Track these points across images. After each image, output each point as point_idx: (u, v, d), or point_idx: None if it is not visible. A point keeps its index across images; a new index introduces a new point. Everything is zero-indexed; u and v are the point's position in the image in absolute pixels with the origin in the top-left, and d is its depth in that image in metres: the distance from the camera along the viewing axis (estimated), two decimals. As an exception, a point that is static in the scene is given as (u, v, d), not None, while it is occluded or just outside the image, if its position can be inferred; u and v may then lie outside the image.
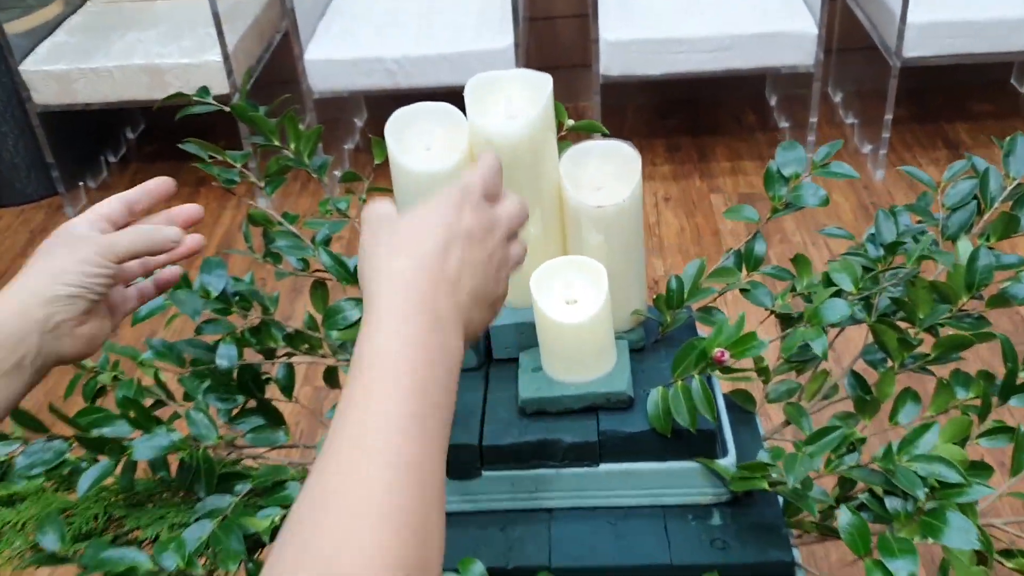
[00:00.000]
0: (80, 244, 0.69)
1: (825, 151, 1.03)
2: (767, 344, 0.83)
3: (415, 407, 0.50)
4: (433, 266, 0.57)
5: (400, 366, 0.51)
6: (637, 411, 0.97)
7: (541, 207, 0.98)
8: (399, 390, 0.50)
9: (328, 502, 0.45)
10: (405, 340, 0.52)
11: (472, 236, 0.61)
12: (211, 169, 1.21)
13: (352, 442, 0.48)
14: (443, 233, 0.59)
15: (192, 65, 2.51)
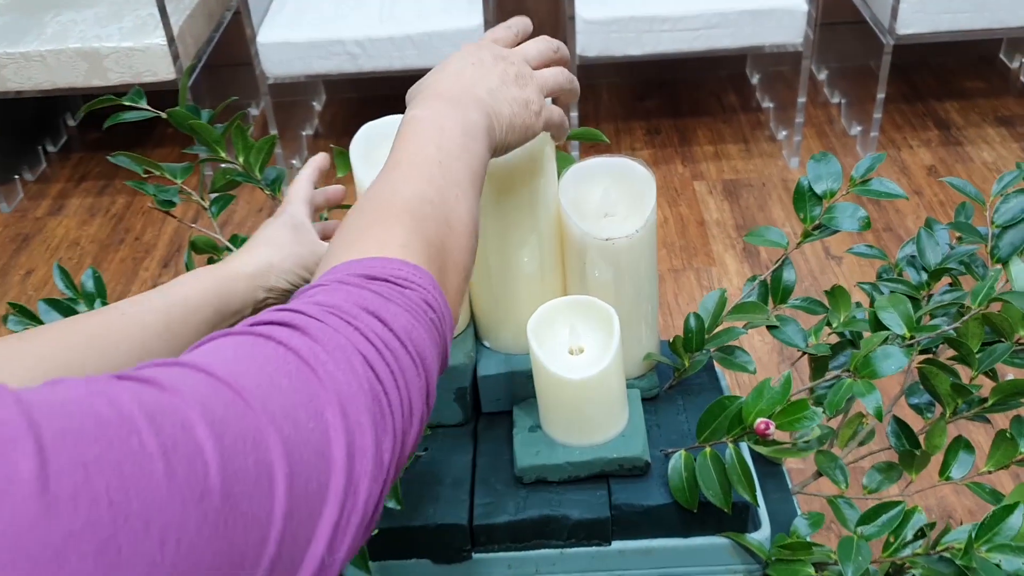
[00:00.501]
0: (303, 241, 0.78)
1: (867, 165, 0.88)
2: (821, 415, 0.69)
3: (433, 140, 0.60)
4: (447, 75, 0.67)
5: (422, 121, 0.62)
6: (655, 478, 0.82)
7: (538, 237, 0.83)
8: (420, 135, 0.61)
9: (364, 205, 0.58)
10: (429, 112, 0.63)
11: (483, 54, 0.69)
12: (145, 188, 1.04)
13: (388, 164, 0.60)
14: (456, 59, 0.69)
15: (134, 49, 2.30)
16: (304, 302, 0.48)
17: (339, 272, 0.51)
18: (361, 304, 0.48)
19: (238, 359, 0.42)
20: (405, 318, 0.49)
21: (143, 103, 1.06)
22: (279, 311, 0.47)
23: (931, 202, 2.33)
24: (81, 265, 2.40)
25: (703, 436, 0.77)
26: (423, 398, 0.49)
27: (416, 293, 0.51)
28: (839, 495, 0.90)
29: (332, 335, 0.45)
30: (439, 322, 0.52)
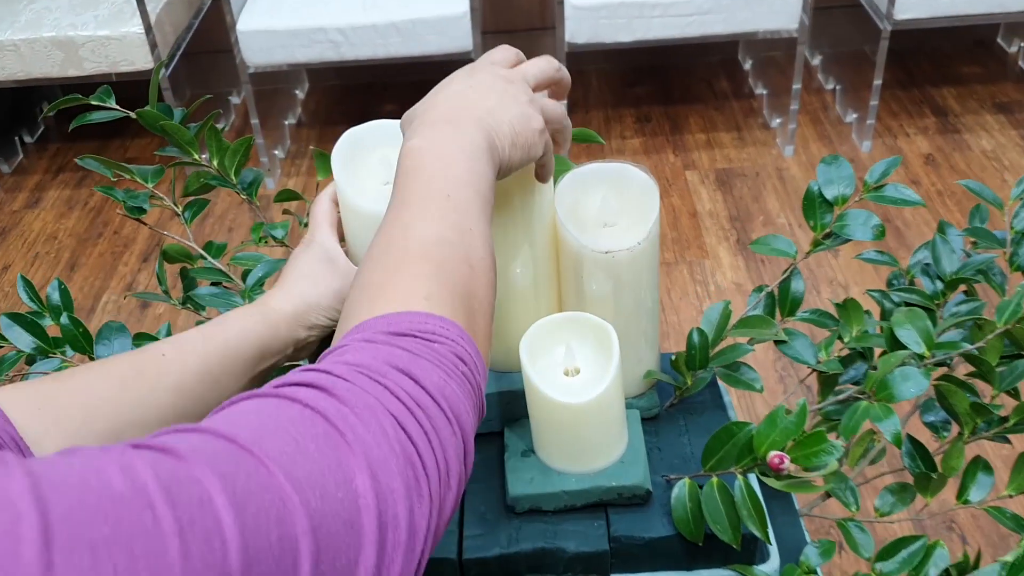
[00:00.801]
0: (340, 274, 0.74)
1: (882, 169, 0.83)
2: (840, 448, 0.64)
3: (438, 171, 0.57)
4: (444, 98, 0.64)
5: (423, 152, 0.58)
6: (657, 507, 0.77)
7: (532, 248, 0.78)
8: (424, 168, 0.58)
9: (375, 260, 0.54)
10: (428, 140, 0.59)
11: (481, 75, 0.66)
12: (114, 193, 0.98)
13: (395, 204, 0.57)
14: (452, 81, 0.66)
15: (110, 38, 2.23)
16: (330, 362, 0.46)
17: (364, 331, 0.49)
18: (390, 362, 0.46)
19: (262, 423, 0.40)
20: (437, 374, 0.47)
21: (111, 102, 1.00)
22: (305, 371, 0.45)
23: (929, 192, 2.28)
24: (59, 260, 2.33)
25: (709, 464, 0.72)
26: (460, 458, 0.47)
27: (446, 347, 0.49)
28: (849, 518, 0.85)
29: (360, 395, 0.43)
30: (472, 375, 0.50)
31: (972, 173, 2.33)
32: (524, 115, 0.64)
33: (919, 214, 2.20)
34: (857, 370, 0.90)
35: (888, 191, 0.82)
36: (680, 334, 1.94)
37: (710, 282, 2.08)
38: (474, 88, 0.64)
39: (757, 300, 0.86)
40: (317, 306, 0.72)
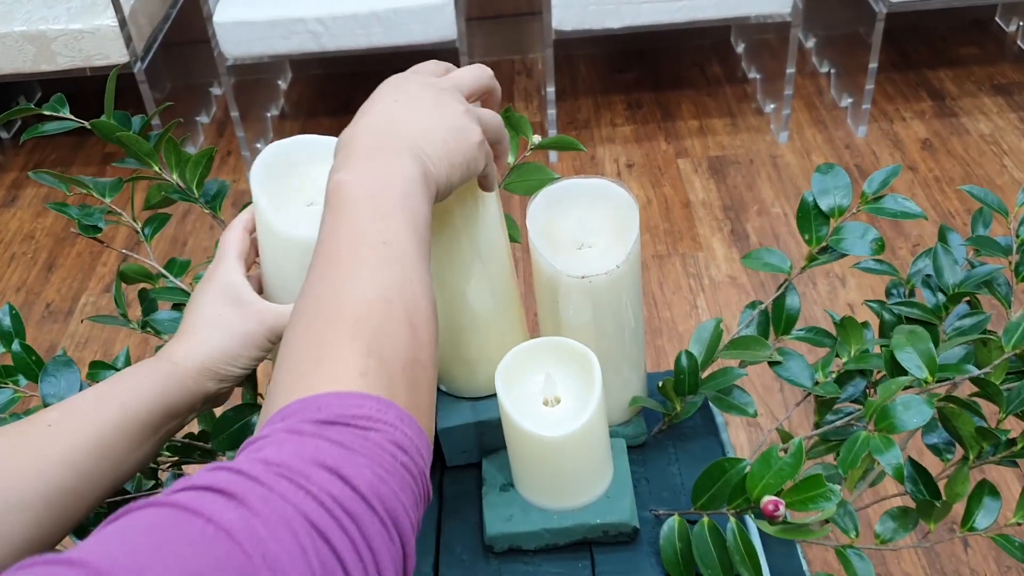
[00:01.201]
0: (247, 318, 0.66)
1: (882, 178, 0.77)
2: (839, 493, 0.59)
3: (370, 213, 0.52)
4: (371, 122, 0.58)
5: (352, 189, 0.53)
6: (644, 546, 0.73)
7: (484, 266, 0.72)
8: (354, 209, 0.52)
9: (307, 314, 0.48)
10: (355, 175, 0.54)
11: (408, 87, 0.60)
12: (68, 211, 0.93)
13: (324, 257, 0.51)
14: (378, 99, 0.60)
15: (83, 32, 2.16)
16: (247, 458, 0.40)
17: (290, 417, 0.43)
18: (316, 459, 0.40)
19: (151, 547, 0.34)
20: (371, 471, 0.41)
21: (65, 111, 0.94)
22: (218, 471, 0.39)
23: (926, 178, 2.23)
24: (36, 260, 2.28)
25: (700, 502, 0.68)
26: (397, 566, 0.41)
27: (383, 434, 0.43)
28: (849, 545, 0.81)
29: (276, 504, 0.38)
30: (413, 464, 0.44)
31: (970, 158, 2.28)
32: (459, 128, 0.59)
33: (915, 199, 2.15)
34: (856, 387, 0.85)
35: (887, 203, 0.77)
36: (673, 330, 1.89)
37: (704, 275, 2.03)
38: (401, 104, 0.59)
39: (750, 318, 0.82)
40: (225, 355, 0.66)
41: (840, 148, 2.36)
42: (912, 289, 0.90)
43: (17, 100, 2.81)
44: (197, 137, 2.64)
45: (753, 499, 0.62)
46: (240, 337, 0.66)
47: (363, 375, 0.45)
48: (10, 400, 0.83)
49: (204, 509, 0.36)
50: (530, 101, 2.69)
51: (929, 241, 2.02)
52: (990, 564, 1.44)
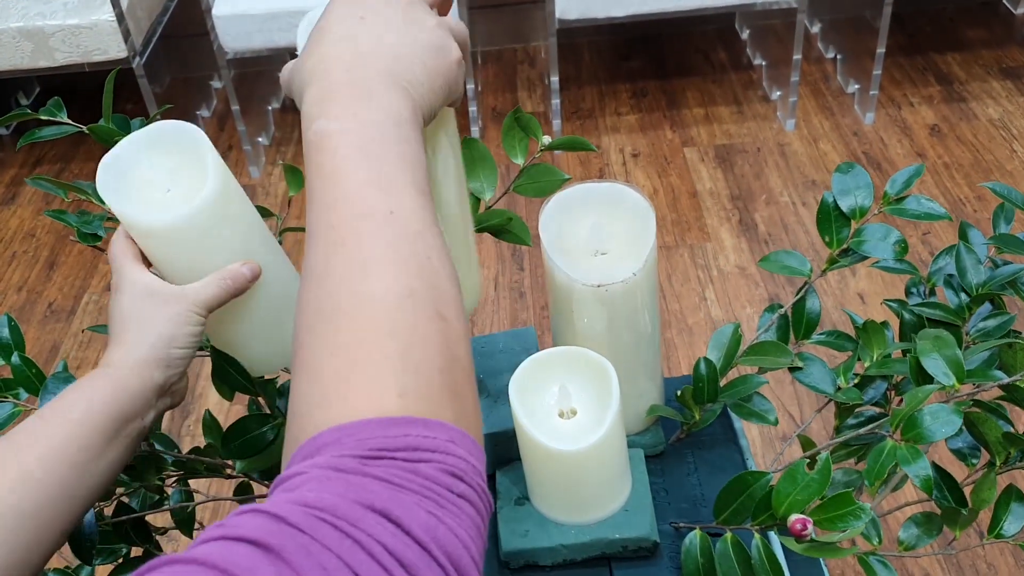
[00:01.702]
0: (170, 301, 0.64)
1: (904, 178, 0.75)
2: (869, 512, 0.57)
3: (369, 174, 0.46)
4: (340, 50, 0.50)
5: (341, 144, 0.47)
6: (664, 560, 0.71)
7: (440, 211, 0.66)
8: (347, 169, 0.46)
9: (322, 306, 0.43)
10: (340, 123, 0.47)
11: (370, 5, 0.52)
12: (66, 218, 0.91)
13: (325, 235, 0.45)
14: (338, 20, 0.51)
15: (80, 27, 2.13)
16: (286, 501, 0.35)
17: (325, 449, 0.38)
18: (362, 500, 0.35)
19: None
20: (425, 510, 0.36)
21: (62, 115, 0.92)
22: (252, 514, 0.35)
23: (935, 165, 2.20)
24: (37, 259, 2.26)
25: (722, 517, 0.66)
26: None
27: (433, 465, 0.38)
28: (871, 552, 0.79)
29: (320, 556, 0.33)
30: (471, 490, 0.39)
31: (979, 143, 2.25)
32: (438, 47, 0.52)
33: (926, 188, 2.12)
34: (876, 390, 0.83)
35: (910, 204, 0.74)
36: (682, 323, 1.87)
37: (712, 266, 2.00)
38: (369, 23, 0.50)
39: (770, 322, 0.79)
40: (161, 339, 0.63)
41: (848, 135, 2.33)
42: (933, 288, 0.87)
43: (15, 97, 2.79)
44: (197, 131, 2.62)
45: (779, 516, 0.60)
46: (169, 319, 0.63)
47: (401, 395, 0.39)
48: (11, 415, 0.81)
49: (236, 568, 0.32)
50: (533, 91, 2.66)
51: (939, 230, 1.99)
52: (1007, 557, 1.42)
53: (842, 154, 2.27)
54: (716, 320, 1.87)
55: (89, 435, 0.58)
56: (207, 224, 0.64)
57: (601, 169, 2.33)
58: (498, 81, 2.72)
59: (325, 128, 0.47)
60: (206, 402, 1.78)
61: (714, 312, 1.89)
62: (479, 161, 0.81)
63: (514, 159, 0.80)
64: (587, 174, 2.31)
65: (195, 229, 0.64)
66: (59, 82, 2.59)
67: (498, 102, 2.62)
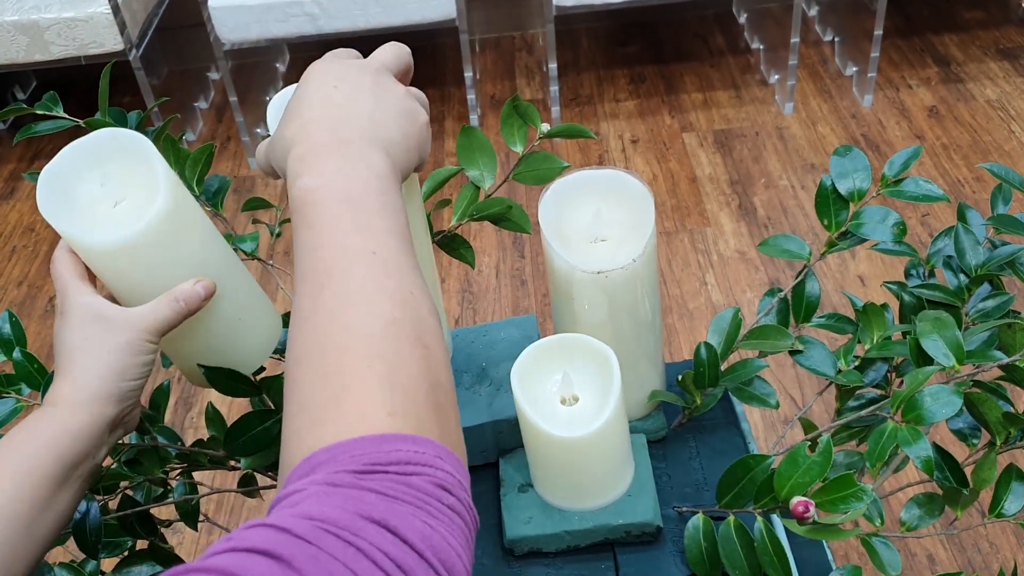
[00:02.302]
0: (119, 329, 0.60)
1: (902, 160, 0.75)
2: (872, 492, 0.57)
3: (352, 220, 0.48)
4: (318, 115, 0.54)
5: (326, 197, 0.49)
6: (668, 544, 0.71)
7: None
8: (332, 218, 0.48)
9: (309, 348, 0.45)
10: (323, 178, 0.50)
11: (339, 71, 0.56)
12: (66, 213, 0.91)
13: (312, 277, 0.47)
14: (314, 90, 0.55)
15: (76, 20, 2.13)
16: (288, 515, 0.37)
17: (320, 467, 0.40)
18: (361, 512, 0.37)
19: None
20: (419, 520, 0.38)
21: (58, 110, 0.92)
22: (258, 528, 0.36)
23: (934, 146, 2.20)
24: (37, 253, 2.26)
25: (724, 500, 0.66)
26: None
27: (424, 478, 0.40)
28: (874, 533, 0.79)
29: (327, 564, 0.35)
30: (459, 502, 0.41)
31: (978, 124, 2.25)
32: (407, 112, 0.55)
33: (925, 170, 2.12)
34: (877, 372, 0.83)
35: (908, 186, 0.74)
36: (683, 308, 1.87)
37: (712, 251, 2.01)
38: (343, 91, 0.54)
39: (770, 306, 0.80)
40: (112, 372, 0.59)
41: (846, 118, 2.33)
42: (932, 269, 0.87)
43: (12, 90, 2.78)
44: (196, 123, 2.61)
45: (781, 499, 0.60)
46: (119, 349, 0.60)
47: (391, 414, 0.42)
48: (13, 410, 0.81)
49: (251, 575, 0.33)
50: (532, 78, 2.66)
51: (938, 211, 1.99)
52: (1009, 536, 1.43)
53: (841, 137, 2.27)
54: (717, 304, 1.87)
55: (37, 486, 0.55)
56: (159, 240, 0.60)
57: (600, 156, 2.33)
58: (496, 69, 2.71)
59: (310, 184, 0.49)
60: (209, 394, 1.79)
61: (715, 296, 1.89)
62: (478, 149, 0.81)
63: (513, 147, 0.80)
64: (586, 161, 2.31)
65: (146, 247, 0.60)
66: (56, 76, 2.58)
67: (496, 90, 2.62)
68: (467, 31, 2.22)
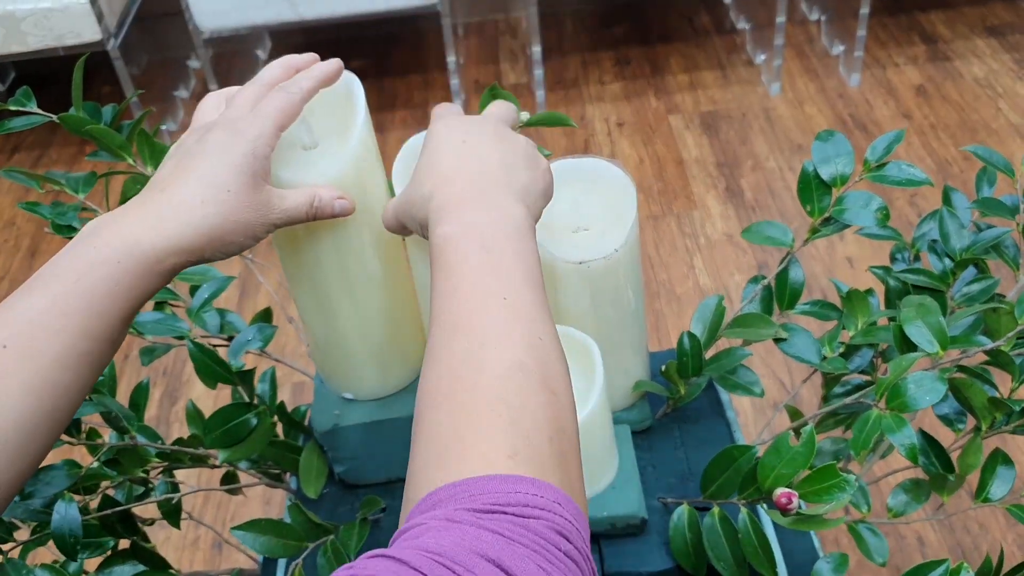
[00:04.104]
0: (258, 204, 0.56)
1: (884, 145, 0.74)
2: (855, 483, 0.57)
3: (487, 264, 0.49)
4: (455, 165, 0.56)
5: (462, 242, 0.51)
6: (653, 536, 0.70)
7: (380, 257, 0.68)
8: (469, 264, 0.50)
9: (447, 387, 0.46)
10: (464, 227, 0.52)
11: (462, 125, 0.58)
12: (40, 211, 0.90)
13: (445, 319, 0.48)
14: (445, 145, 0.57)
15: (52, 10, 2.10)
16: (408, 547, 0.38)
17: (440, 504, 0.41)
18: (477, 550, 0.37)
19: None
20: (535, 563, 0.38)
21: (32, 105, 0.90)
22: (378, 558, 0.37)
23: (921, 126, 2.19)
24: (19, 247, 2.24)
25: (709, 491, 0.65)
26: None
27: (543, 522, 0.40)
28: (860, 520, 0.79)
29: None
30: (577, 552, 0.41)
31: (965, 103, 2.24)
32: (532, 157, 0.57)
33: (912, 149, 2.11)
34: (863, 358, 0.83)
35: (891, 171, 0.74)
36: (670, 293, 1.87)
37: (699, 234, 2.00)
38: (472, 144, 0.56)
39: (753, 294, 0.79)
40: (220, 241, 0.55)
41: (833, 98, 2.32)
42: (917, 253, 0.87)
43: (-9, 82, 2.75)
44: (177, 112, 2.59)
45: (765, 490, 0.59)
46: (242, 224, 0.56)
47: (512, 456, 0.42)
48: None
49: None
50: (516, 62, 2.64)
51: (928, 194, 1.99)
52: (998, 518, 1.43)
53: (828, 117, 2.26)
54: (705, 289, 1.86)
55: (102, 328, 0.52)
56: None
57: (586, 140, 2.31)
58: (480, 53, 2.69)
59: (450, 231, 0.51)
60: (193, 389, 1.78)
61: (702, 280, 1.88)
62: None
63: (492, 136, 0.79)
64: (572, 146, 2.29)
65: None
66: (34, 68, 2.55)
67: (480, 74, 2.60)
68: (449, 16, 2.20)
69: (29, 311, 0.51)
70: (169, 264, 0.55)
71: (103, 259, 0.53)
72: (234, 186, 0.55)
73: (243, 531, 0.64)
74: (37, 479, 0.69)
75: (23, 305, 0.51)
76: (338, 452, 0.74)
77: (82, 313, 0.51)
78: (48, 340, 0.50)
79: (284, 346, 1.80)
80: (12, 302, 0.52)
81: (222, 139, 0.57)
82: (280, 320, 1.71)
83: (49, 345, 0.50)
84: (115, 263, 0.53)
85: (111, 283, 0.52)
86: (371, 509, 0.70)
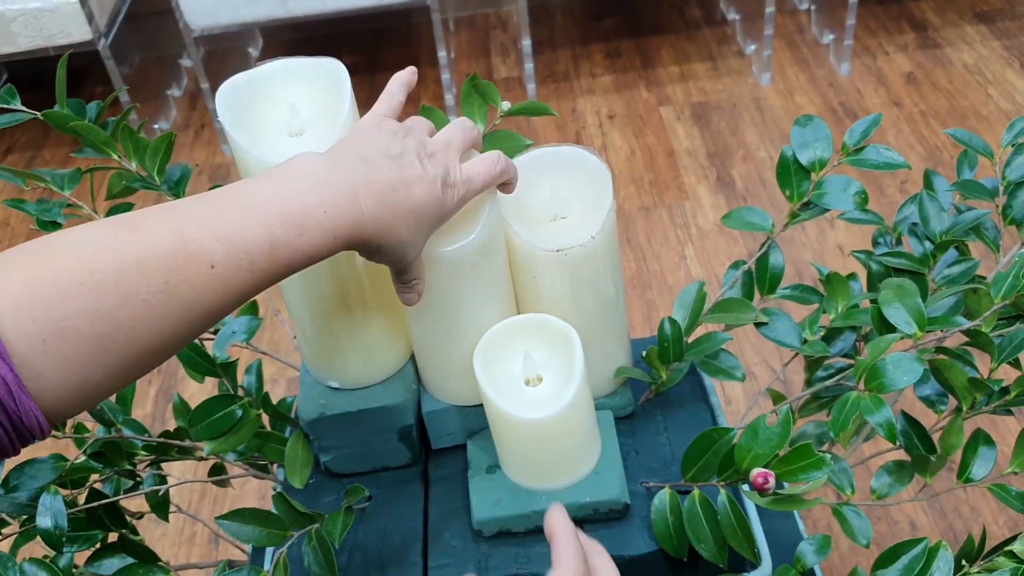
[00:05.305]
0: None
1: (862, 128, 0.75)
2: (830, 463, 0.57)
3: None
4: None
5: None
6: (636, 520, 0.71)
7: None
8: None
9: None
10: None
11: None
12: (25, 207, 0.90)
13: None
14: None
15: (43, 10, 2.10)
16: None
17: None
18: None
19: None
20: None
21: (16, 103, 0.91)
22: None
23: (911, 113, 2.19)
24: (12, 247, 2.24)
25: (689, 474, 0.66)
26: None
27: None
28: (845, 502, 0.80)
29: None
30: None
31: (955, 89, 2.25)
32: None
33: (902, 136, 2.12)
34: (845, 341, 0.83)
35: (869, 154, 0.74)
36: (662, 283, 1.87)
37: (691, 224, 2.00)
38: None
39: (734, 279, 0.79)
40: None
41: (824, 87, 2.32)
42: (899, 237, 0.87)
43: (-16, 83, 2.75)
44: (169, 111, 2.59)
45: (742, 471, 0.60)
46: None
47: None
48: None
49: None
50: (507, 55, 2.64)
51: (916, 178, 1.99)
52: (989, 501, 1.43)
53: (818, 106, 2.26)
54: (696, 278, 1.87)
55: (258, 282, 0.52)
56: None
57: (578, 132, 2.32)
58: (471, 47, 2.69)
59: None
60: (187, 386, 1.78)
61: (694, 270, 1.89)
62: (439, 128, 0.80)
63: (473, 126, 0.80)
64: (564, 138, 2.29)
65: None
66: (25, 68, 2.55)
67: (472, 69, 2.60)
68: (439, 10, 2.20)
69: (243, 241, 0.50)
70: None
71: (341, 242, 0.54)
72: None
73: (227, 520, 0.64)
74: (22, 472, 0.70)
75: (243, 229, 0.51)
76: (324, 441, 0.75)
77: (280, 271, 0.52)
78: (252, 278, 0.50)
79: (278, 342, 1.80)
80: None
81: None
82: (271, 316, 1.72)
83: (247, 283, 0.50)
84: (322, 248, 0.53)
85: (308, 257, 0.53)
86: (356, 498, 0.70)
